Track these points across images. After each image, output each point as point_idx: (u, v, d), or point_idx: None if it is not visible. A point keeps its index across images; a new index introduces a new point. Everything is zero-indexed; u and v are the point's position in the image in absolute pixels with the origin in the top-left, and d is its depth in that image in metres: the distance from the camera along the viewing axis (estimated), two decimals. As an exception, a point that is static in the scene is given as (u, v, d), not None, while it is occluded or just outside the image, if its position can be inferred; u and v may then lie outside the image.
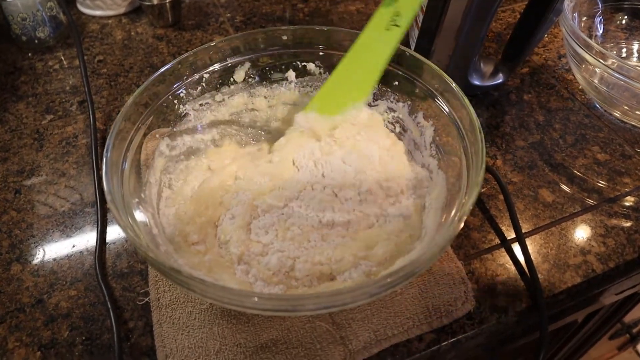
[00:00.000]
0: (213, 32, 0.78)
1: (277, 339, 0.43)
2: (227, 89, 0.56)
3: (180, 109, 0.53)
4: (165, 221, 0.47)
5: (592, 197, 0.55)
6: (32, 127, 0.63)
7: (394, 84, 0.54)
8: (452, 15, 0.56)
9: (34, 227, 0.52)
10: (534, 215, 0.53)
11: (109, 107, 0.65)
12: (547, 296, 0.47)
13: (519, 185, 0.56)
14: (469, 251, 0.50)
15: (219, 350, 0.42)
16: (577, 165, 0.58)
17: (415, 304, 0.45)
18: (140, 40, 0.76)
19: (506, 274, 0.48)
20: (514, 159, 0.59)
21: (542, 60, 0.72)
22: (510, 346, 0.64)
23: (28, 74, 0.71)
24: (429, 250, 0.37)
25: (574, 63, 0.63)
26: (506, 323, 0.46)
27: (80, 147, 0.60)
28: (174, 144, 0.52)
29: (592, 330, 0.93)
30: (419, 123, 0.53)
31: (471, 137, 0.44)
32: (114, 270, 0.49)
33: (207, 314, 0.44)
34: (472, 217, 0.53)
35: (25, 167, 0.58)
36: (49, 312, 0.46)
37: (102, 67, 0.72)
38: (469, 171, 0.43)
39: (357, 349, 0.42)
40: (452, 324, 0.45)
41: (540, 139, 0.61)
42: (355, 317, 0.44)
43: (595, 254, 0.50)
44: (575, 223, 0.53)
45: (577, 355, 1.06)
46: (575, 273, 0.49)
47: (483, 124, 0.63)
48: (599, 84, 0.61)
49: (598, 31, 0.72)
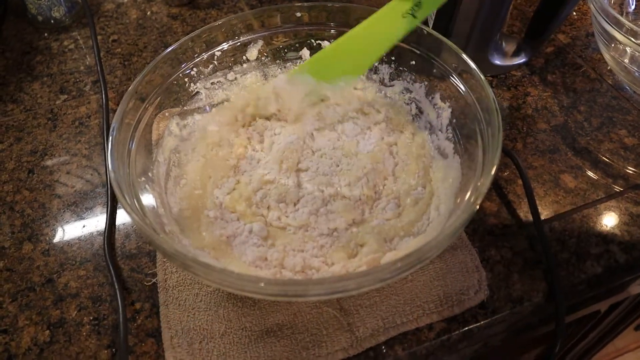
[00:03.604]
0: (228, 10, 0.76)
1: (282, 323, 0.42)
2: (240, 68, 0.55)
3: (191, 88, 0.52)
4: (173, 200, 0.47)
5: (618, 183, 0.52)
6: (47, 107, 0.63)
7: (410, 63, 0.52)
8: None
9: (46, 207, 0.53)
10: (554, 201, 0.51)
11: (122, 87, 0.65)
12: (565, 286, 0.45)
13: (540, 170, 0.53)
14: (484, 238, 0.48)
15: (224, 333, 0.42)
16: (603, 150, 0.55)
17: (426, 292, 0.43)
18: (155, 19, 0.75)
19: (523, 262, 0.47)
20: (535, 142, 0.56)
21: (569, 39, 0.69)
22: (527, 336, 0.62)
23: (44, 53, 0.71)
24: (441, 233, 0.36)
25: (602, 42, 0.60)
26: (521, 313, 0.45)
27: (93, 127, 0.60)
28: (185, 122, 0.52)
29: (616, 321, 0.91)
30: (436, 104, 0.51)
31: (488, 119, 0.42)
32: (122, 251, 0.49)
33: (213, 297, 0.44)
34: (489, 202, 0.51)
35: (39, 147, 0.58)
36: (58, 292, 0.46)
37: (117, 46, 0.71)
38: (484, 154, 0.41)
39: (364, 336, 0.41)
40: (464, 313, 0.43)
41: (564, 122, 0.58)
42: (364, 303, 0.43)
43: (619, 242, 0.48)
44: (599, 210, 0.50)
45: (601, 344, 1.04)
46: (597, 262, 0.47)
47: (504, 106, 0.60)
48: (629, 64, 0.58)
49: (630, 7, 0.68)
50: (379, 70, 0.54)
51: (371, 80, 0.55)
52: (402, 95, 0.54)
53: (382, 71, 0.54)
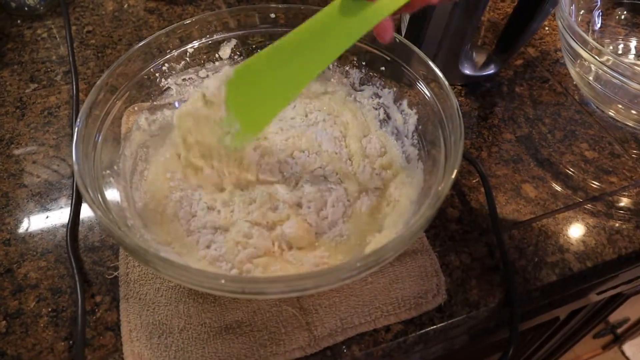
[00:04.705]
0: (205, 7, 0.76)
1: (242, 320, 0.42)
2: (212, 66, 0.55)
3: (162, 83, 0.52)
4: (138, 195, 0.47)
5: (577, 194, 0.54)
6: (15, 95, 0.62)
7: (381, 69, 0.53)
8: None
9: (9, 196, 0.52)
10: (515, 210, 0.52)
11: (95, 78, 0.64)
12: (521, 293, 0.47)
13: (502, 179, 0.55)
14: (445, 243, 0.49)
15: (183, 329, 0.42)
16: (564, 162, 0.57)
17: (385, 294, 0.44)
18: (132, 12, 0.75)
19: (481, 268, 0.48)
20: (500, 152, 0.58)
21: (538, 53, 0.71)
22: (484, 341, 0.64)
23: (15, 41, 0.70)
24: (400, 235, 0.36)
25: (568, 58, 0.61)
26: (477, 318, 0.46)
27: (62, 118, 0.60)
28: (154, 117, 0.52)
29: (575, 328, 0.93)
30: (403, 110, 0.52)
31: (452, 126, 0.43)
32: (85, 244, 0.48)
33: (174, 292, 0.44)
34: (451, 208, 0.52)
35: (5, 136, 0.57)
36: (17, 282, 0.46)
37: (91, 37, 0.70)
38: (447, 160, 0.42)
39: (322, 335, 0.42)
40: (422, 316, 0.44)
41: (528, 133, 0.60)
42: (323, 303, 0.43)
43: (574, 252, 0.49)
44: (557, 220, 0.52)
45: (561, 351, 1.06)
46: (552, 271, 0.48)
47: (472, 115, 0.62)
48: (593, 81, 0.60)
49: (596, 26, 0.70)
50: (350, 74, 0.55)
51: (341, 84, 0.56)
52: (371, 100, 0.54)
53: (353, 75, 0.55)
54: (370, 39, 0.51)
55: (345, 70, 0.55)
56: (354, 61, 0.54)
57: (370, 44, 0.52)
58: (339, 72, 0.56)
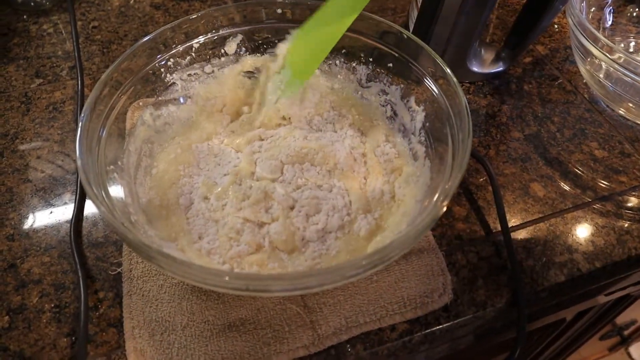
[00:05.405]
0: (212, 3, 0.76)
1: (246, 318, 0.42)
2: (218, 61, 0.55)
3: (167, 78, 0.52)
4: (142, 190, 0.46)
5: (586, 194, 0.53)
6: (21, 90, 0.62)
7: (388, 65, 0.52)
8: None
9: (13, 192, 0.52)
10: (523, 209, 0.52)
11: (100, 74, 0.64)
12: (529, 293, 0.46)
13: (511, 178, 0.54)
14: (451, 242, 0.49)
15: (186, 326, 0.41)
16: (573, 161, 0.56)
17: (390, 293, 0.44)
18: (138, 8, 0.75)
19: (488, 267, 0.47)
20: (508, 150, 0.57)
21: (547, 50, 0.70)
22: (491, 341, 0.63)
23: (21, 36, 0.70)
24: (405, 234, 0.36)
25: (579, 56, 0.61)
26: (483, 318, 0.45)
27: (67, 113, 0.59)
28: (159, 113, 0.51)
29: (582, 330, 0.92)
30: (411, 107, 0.51)
31: (460, 124, 0.42)
32: (89, 239, 0.48)
33: (177, 289, 0.44)
34: (458, 207, 0.51)
35: (10, 131, 0.57)
36: (20, 277, 0.45)
37: (97, 33, 0.70)
38: (454, 158, 0.42)
39: (326, 334, 0.41)
40: (427, 316, 0.44)
41: (537, 131, 0.59)
42: (327, 302, 0.43)
43: (583, 252, 0.49)
44: (565, 220, 0.51)
45: (567, 352, 1.05)
46: (560, 271, 0.47)
47: (480, 113, 0.61)
48: (603, 79, 0.59)
49: (607, 23, 0.69)
50: (357, 70, 0.55)
51: (348, 81, 0.55)
52: (378, 96, 0.54)
53: (360, 72, 0.54)
54: (378, 34, 0.51)
55: (353, 66, 0.55)
56: (361, 57, 0.54)
57: (377, 40, 0.51)
58: (346, 68, 0.55)
